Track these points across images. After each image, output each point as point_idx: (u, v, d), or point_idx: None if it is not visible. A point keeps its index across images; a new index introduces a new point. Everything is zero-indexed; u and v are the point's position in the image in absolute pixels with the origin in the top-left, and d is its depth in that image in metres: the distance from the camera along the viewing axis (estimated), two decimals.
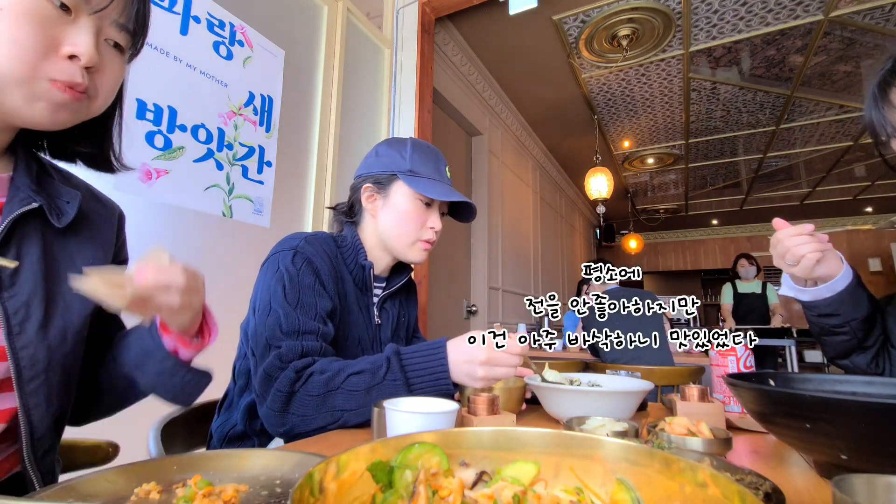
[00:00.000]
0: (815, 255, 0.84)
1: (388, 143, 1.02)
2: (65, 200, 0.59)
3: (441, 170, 1.00)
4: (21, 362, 0.52)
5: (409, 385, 0.77)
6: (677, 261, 8.99)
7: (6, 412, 0.53)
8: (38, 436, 0.54)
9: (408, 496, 0.32)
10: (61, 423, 0.60)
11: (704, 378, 2.12)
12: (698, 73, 3.58)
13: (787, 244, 0.86)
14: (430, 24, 2.53)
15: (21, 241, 0.54)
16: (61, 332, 0.56)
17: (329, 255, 0.93)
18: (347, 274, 0.97)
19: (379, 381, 0.77)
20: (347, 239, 0.99)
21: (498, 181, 4.01)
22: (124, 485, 0.42)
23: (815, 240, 0.86)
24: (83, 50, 0.48)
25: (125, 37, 0.53)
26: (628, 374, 1.05)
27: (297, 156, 1.82)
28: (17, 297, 0.52)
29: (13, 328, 0.51)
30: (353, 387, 0.76)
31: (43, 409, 0.54)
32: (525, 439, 0.37)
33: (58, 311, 0.56)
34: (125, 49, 0.55)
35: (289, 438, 0.77)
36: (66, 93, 0.48)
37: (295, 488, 0.26)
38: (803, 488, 0.51)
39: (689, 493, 0.30)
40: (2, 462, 0.55)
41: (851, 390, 0.69)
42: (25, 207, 0.53)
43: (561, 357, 3.45)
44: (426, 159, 0.99)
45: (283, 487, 0.44)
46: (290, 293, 0.83)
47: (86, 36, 0.48)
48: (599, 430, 0.63)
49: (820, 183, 6.17)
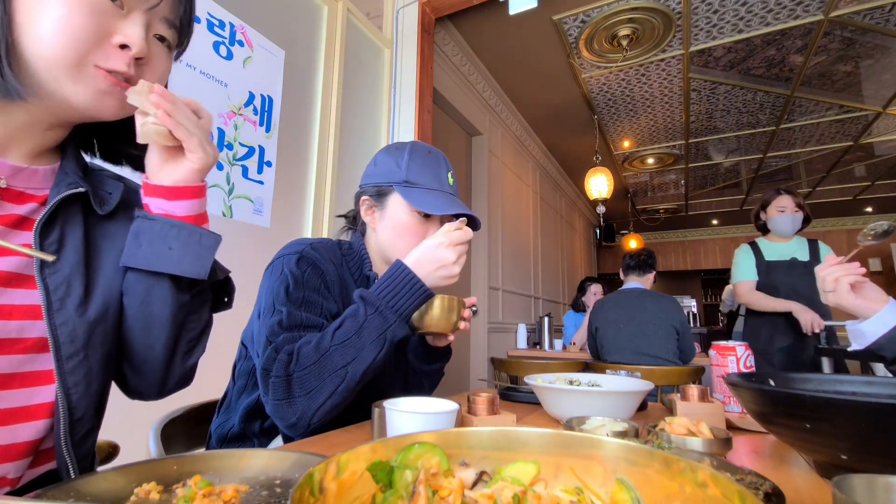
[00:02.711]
0: (848, 278, 0.94)
1: (385, 151, 0.99)
2: (108, 191, 0.62)
3: (442, 177, 0.95)
4: (60, 338, 0.52)
5: (393, 309, 0.78)
6: (677, 261, 8.99)
7: (48, 405, 0.53)
8: (77, 416, 0.54)
9: (408, 496, 0.32)
10: (101, 407, 0.60)
11: (704, 378, 2.12)
12: (698, 73, 3.58)
13: (822, 275, 0.98)
14: (430, 24, 2.53)
15: (65, 222, 0.56)
16: (101, 311, 0.56)
17: (334, 262, 0.92)
18: (352, 282, 0.95)
19: (364, 320, 0.77)
20: (354, 248, 0.98)
21: (498, 181, 4.01)
22: (124, 485, 0.42)
23: (846, 266, 0.96)
24: (134, 40, 0.50)
25: (173, 33, 0.56)
26: (628, 374, 1.05)
27: (297, 156, 1.82)
28: (59, 273, 0.53)
29: (53, 304, 0.52)
30: (343, 337, 0.75)
31: (82, 388, 0.54)
32: (525, 439, 0.37)
33: (98, 290, 0.57)
34: (172, 46, 0.57)
35: (305, 432, 0.75)
36: (108, 78, 0.50)
37: (295, 488, 0.26)
38: (803, 488, 0.51)
39: (689, 493, 0.30)
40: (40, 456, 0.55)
41: (851, 390, 0.69)
42: (73, 190, 0.55)
43: (561, 357, 3.45)
44: (425, 167, 0.94)
45: (282, 487, 0.44)
46: (295, 293, 0.82)
47: (137, 28, 0.51)
48: (599, 430, 0.63)
49: (820, 183, 6.17)
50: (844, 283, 0.93)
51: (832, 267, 0.97)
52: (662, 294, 2.64)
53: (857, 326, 0.95)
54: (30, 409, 0.52)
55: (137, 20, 0.51)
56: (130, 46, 0.50)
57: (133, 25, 0.51)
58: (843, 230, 7.71)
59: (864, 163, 5.41)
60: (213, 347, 0.94)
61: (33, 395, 0.52)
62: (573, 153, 5.24)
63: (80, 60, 0.48)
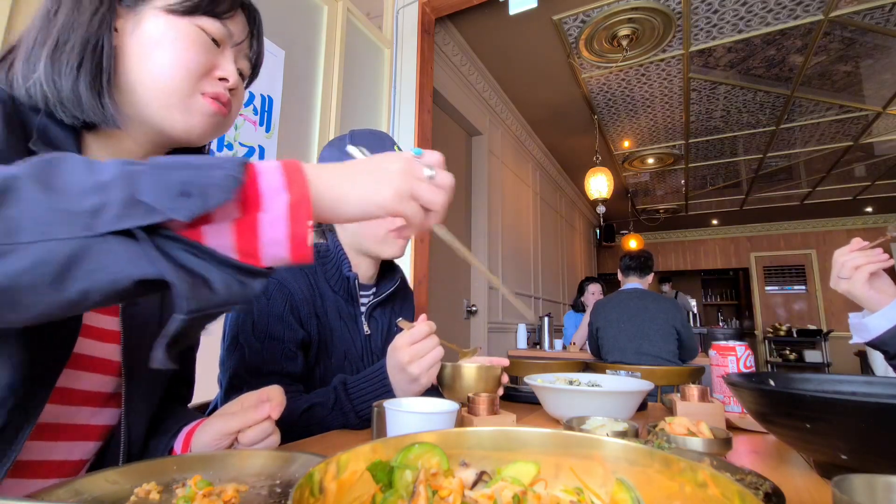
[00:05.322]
0: (870, 266, 0.88)
1: (328, 146, 0.99)
2: None
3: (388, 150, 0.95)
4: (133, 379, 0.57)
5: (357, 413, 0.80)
6: (677, 261, 8.99)
7: (101, 428, 0.57)
8: (134, 452, 0.59)
9: (408, 496, 0.32)
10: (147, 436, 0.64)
11: (704, 378, 2.12)
12: (698, 73, 3.58)
13: (841, 260, 0.91)
14: (430, 25, 2.53)
15: None
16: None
17: (307, 273, 0.92)
18: (329, 289, 0.94)
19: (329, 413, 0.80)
20: (331, 249, 0.97)
21: (498, 181, 4.01)
22: (124, 485, 0.42)
23: (869, 254, 0.90)
24: (230, 73, 0.58)
25: (248, 67, 0.64)
26: (628, 374, 1.05)
27: (297, 156, 1.82)
28: (137, 316, 0.58)
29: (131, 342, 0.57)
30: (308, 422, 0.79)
31: (142, 423, 0.59)
32: (525, 439, 0.37)
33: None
34: (246, 76, 0.64)
35: None
36: (213, 105, 0.57)
37: (295, 488, 0.26)
38: (803, 488, 0.51)
39: (689, 493, 0.30)
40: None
41: (851, 390, 0.69)
42: None
43: (561, 357, 3.45)
44: (369, 147, 0.94)
45: (283, 487, 0.44)
46: (258, 325, 0.83)
47: (230, 63, 0.58)
48: (599, 430, 0.63)
49: (820, 183, 6.16)
50: (865, 271, 0.87)
51: (854, 252, 0.90)
52: (663, 295, 2.65)
53: (862, 320, 0.92)
54: (89, 428, 0.56)
55: (229, 56, 0.58)
56: (228, 78, 0.58)
57: (227, 61, 0.58)
58: (843, 230, 7.71)
59: (864, 163, 5.41)
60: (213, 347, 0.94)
61: (95, 416, 0.56)
62: (573, 153, 5.24)
63: (192, 90, 0.55)
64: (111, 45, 0.51)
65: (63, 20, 0.50)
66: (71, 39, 0.50)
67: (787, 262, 7.97)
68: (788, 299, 7.85)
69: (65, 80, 0.49)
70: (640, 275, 2.70)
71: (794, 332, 7.14)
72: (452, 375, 0.85)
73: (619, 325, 2.51)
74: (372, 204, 0.44)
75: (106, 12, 0.51)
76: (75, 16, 0.50)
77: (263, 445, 0.56)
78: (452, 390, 0.85)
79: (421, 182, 0.47)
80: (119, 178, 0.34)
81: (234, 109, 0.62)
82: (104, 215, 0.33)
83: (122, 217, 0.33)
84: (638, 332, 2.46)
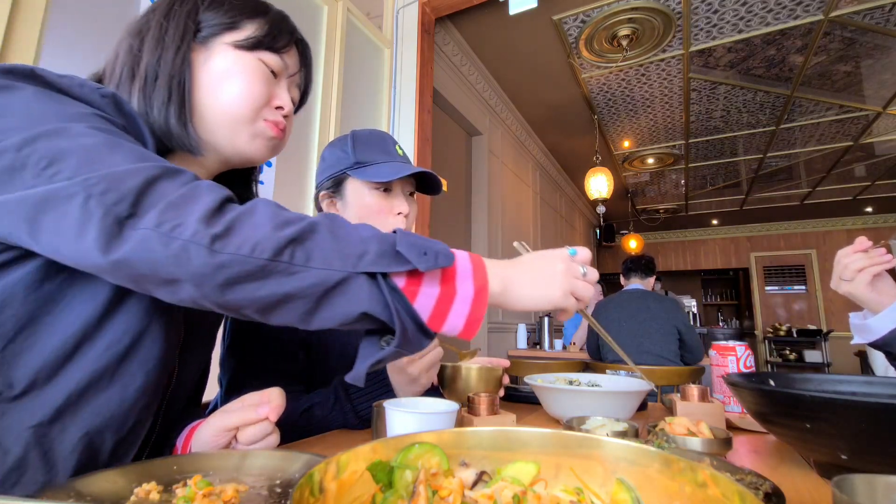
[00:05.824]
0: (872, 269, 0.86)
1: (330, 146, 0.99)
2: None
3: (390, 150, 0.95)
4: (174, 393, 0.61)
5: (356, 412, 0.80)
6: (677, 261, 8.99)
7: None
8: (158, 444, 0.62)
9: (408, 496, 0.32)
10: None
11: (704, 378, 2.12)
12: (698, 73, 3.58)
13: (844, 262, 0.90)
14: (430, 24, 2.53)
15: None
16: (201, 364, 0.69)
17: None
18: None
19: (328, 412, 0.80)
20: None
21: (498, 181, 4.01)
22: (124, 485, 0.42)
23: (872, 256, 0.88)
24: (286, 102, 0.63)
25: (298, 94, 0.69)
26: (628, 374, 1.05)
27: (297, 156, 1.82)
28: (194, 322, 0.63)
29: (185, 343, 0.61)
30: (307, 423, 0.79)
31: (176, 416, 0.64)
32: (525, 439, 0.37)
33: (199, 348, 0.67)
34: (295, 103, 0.69)
35: None
36: (273, 130, 0.62)
37: (295, 488, 0.26)
38: (803, 488, 0.51)
39: (689, 493, 0.30)
40: None
41: (851, 390, 0.69)
42: None
43: (561, 357, 3.45)
44: (371, 145, 0.94)
45: (283, 487, 0.44)
46: (259, 325, 0.82)
47: (285, 93, 0.64)
48: (599, 430, 0.63)
49: (820, 183, 6.16)
50: (868, 274, 0.86)
51: (857, 254, 0.87)
52: (665, 295, 2.66)
53: (864, 321, 0.91)
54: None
55: (284, 86, 0.64)
56: (284, 107, 0.63)
57: (283, 91, 0.63)
58: (843, 230, 7.71)
59: (864, 163, 5.41)
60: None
61: None
62: (573, 153, 5.24)
63: (256, 117, 0.60)
64: (190, 80, 0.57)
65: (148, 59, 0.56)
66: (158, 76, 0.55)
67: (787, 262, 7.96)
68: (788, 299, 7.85)
69: (157, 113, 0.55)
70: (642, 276, 2.71)
71: (794, 332, 7.14)
72: (452, 376, 0.85)
73: (620, 324, 2.51)
74: (545, 302, 0.55)
75: (186, 50, 0.57)
76: (160, 52, 0.56)
77: (262, 445, 0.56)
78: (453, 391, 0.85)
79: (578, 280, 0.58)
80: (375, 236, 0.46)
81: (288, 133, 0.67)
82: (366, 258, 0.44)
83: (378, 262, 0.44)
84: (639, 329, 2.46)
